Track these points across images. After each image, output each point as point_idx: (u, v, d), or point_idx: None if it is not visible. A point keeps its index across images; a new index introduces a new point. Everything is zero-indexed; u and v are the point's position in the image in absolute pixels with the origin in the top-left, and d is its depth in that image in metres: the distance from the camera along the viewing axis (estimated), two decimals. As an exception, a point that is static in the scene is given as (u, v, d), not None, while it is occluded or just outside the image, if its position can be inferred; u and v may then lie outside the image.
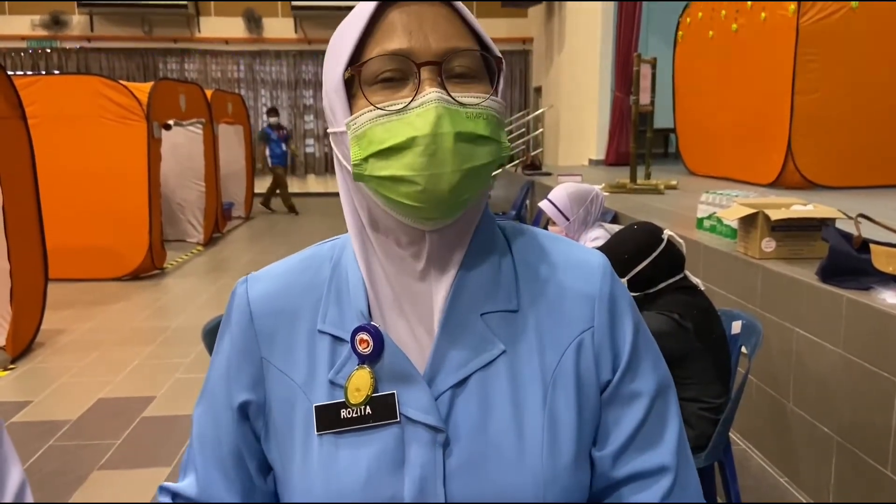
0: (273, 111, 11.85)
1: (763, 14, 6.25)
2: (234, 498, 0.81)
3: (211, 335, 2.29)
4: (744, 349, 2.35)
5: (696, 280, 2.31)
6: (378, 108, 0.69)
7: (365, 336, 0.74)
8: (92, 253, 6.66)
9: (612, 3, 9.80)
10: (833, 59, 5.76)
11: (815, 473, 2.70)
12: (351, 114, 0.72)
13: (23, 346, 4.66)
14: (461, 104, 0.69)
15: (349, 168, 0.73)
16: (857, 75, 5.79)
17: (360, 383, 0.74)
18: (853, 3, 5.75)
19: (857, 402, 2.46)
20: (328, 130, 0.77)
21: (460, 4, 0.73)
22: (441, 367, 0.74)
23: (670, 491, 0.77)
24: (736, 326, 2.36)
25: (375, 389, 0.74)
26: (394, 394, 0.74)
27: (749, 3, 6.48)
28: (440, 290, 0.76)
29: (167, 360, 4.57)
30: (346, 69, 0.71)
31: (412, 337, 0.76)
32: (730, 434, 2.33)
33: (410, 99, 0.69)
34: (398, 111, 0.69)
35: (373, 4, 0.71)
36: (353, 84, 0.72)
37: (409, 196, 0.69)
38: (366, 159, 0.70)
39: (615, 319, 0.78)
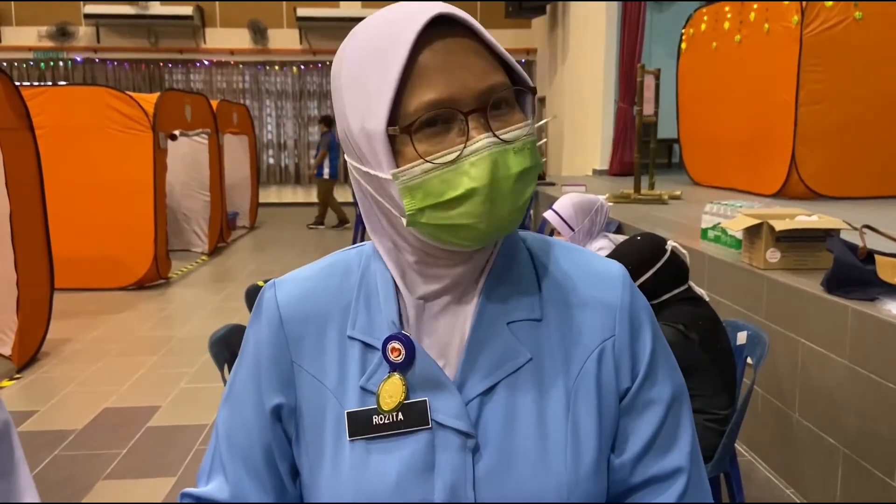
0: (327, 119, 11.11)
1: (766, 25, 6.26)
2: (269, 501, 0.82)
3: (217, 345, 2.30)
4: (749, 360, 2.35)
5: (700, 291, 2.31)
6: (428, 161, 0.69)
7: (397, 345, 0.76)
8: (97, 262, 6.68)
9: (616, 13, 9.83)
10: (837, 70, 5.77)
11: (822, 485, 2.69)
12: (396, 164, 0.71)
13: (29, 356, 4.67)
14: (507, 142, 0.70)
15: (387, 205, 0.74)
16: (861, 86, 5.79)
17: (392, 390, 0.76)
18: (857, 13, 5.76)
19: (864, 413, 2.45)
20: (357, 167, 0.76)
21: (486, 34, 0.72)
22: (470, 375, 0.76)
23: (684, 492, 0.79)
24: (741, 337, 2.36)
25: (407, 396, 0.76)
26: (426, 400, 0.76)
27: (752, 13, 6.50)
28: (470, 299, 0.78)
29: (172, 370, 4.57)
30: (388, 123, 0.69)
31: (442, 344, 0.78)
32: (735, 445, 2.33)
33: (463, 147, 0.69)
34: (451, 162, 0.69)
35: (405, 49, 0.68)
36: (396, 136, 0.70)
37: (468, 238, 0.72)
38: (421, 210, 0.71)
39: (635, 328, 0.81)
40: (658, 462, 0.79)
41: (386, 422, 0.76)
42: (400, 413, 0.75)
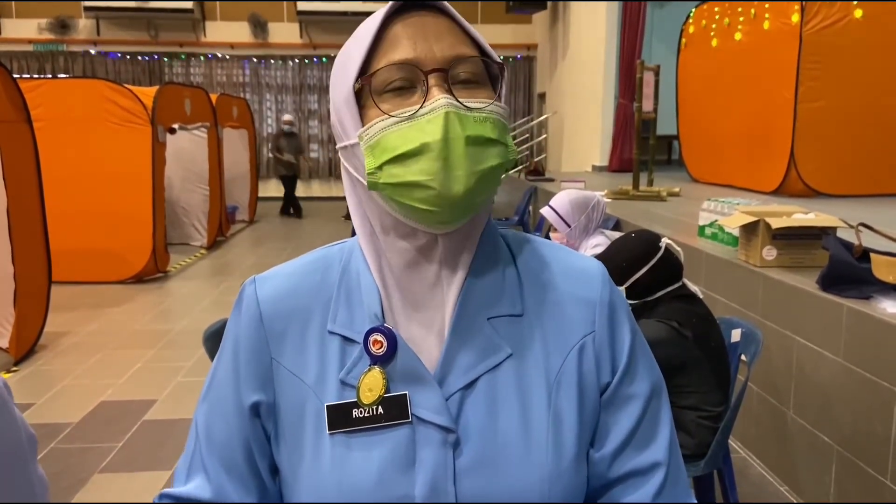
0: None
1: (766, 23, 6.25)
2: (251, 500, 0.82)
3: (211, 339, 2.30)
4: (743, 357, 2.35)
5: (694, 288, 2.32)
6: (390, 116, 0.72)
7: (379, 337, 0.76)
8: (95, 256, 6.68)
9: (617, 9, 9.82)
10: (836, 68, 5.76)
11: (815, 482, 2.70)
12: (363, 125, 0.74)
13: (26, 349, 4.67)
14: (468, 108, 0.72)
15: (361, 180, 0.76)
16: (861, 84, 5.79)
17: (372, 384, 0.76)
18: (857, 11, 5.75)
19: (858, 411, 2.45)
20: (339, 145, 0.79)
21: (459, 16, 0.76)
22: (451, 370, 0.77)
23: (662, 486, 0.80)
24: (735, 335, 2.37)
25: (387, 390, 0.76)
26: (406, 394, 0.76)
27: (752, 11, 6.49)
28: (450, 294, 0.78)
29: (169, 364, 4.58)
30: (356, 80, 0.74)
31: (422, 339, 0.78)
32: (730, 442, 2.33)
33: (420, 105, 0.71)
34: (409, 117, 0.71)
35: (377, 21, 0.74)
36: (362, 95, 0.75)
37: (425, 200, 0.71)
38: (380, 167, 0.72)
39: (615, 324, 0.82)
40: (637, 456, 0.80)
41: (366, 415, 0.76)
42: (380, 407, 0.76)
